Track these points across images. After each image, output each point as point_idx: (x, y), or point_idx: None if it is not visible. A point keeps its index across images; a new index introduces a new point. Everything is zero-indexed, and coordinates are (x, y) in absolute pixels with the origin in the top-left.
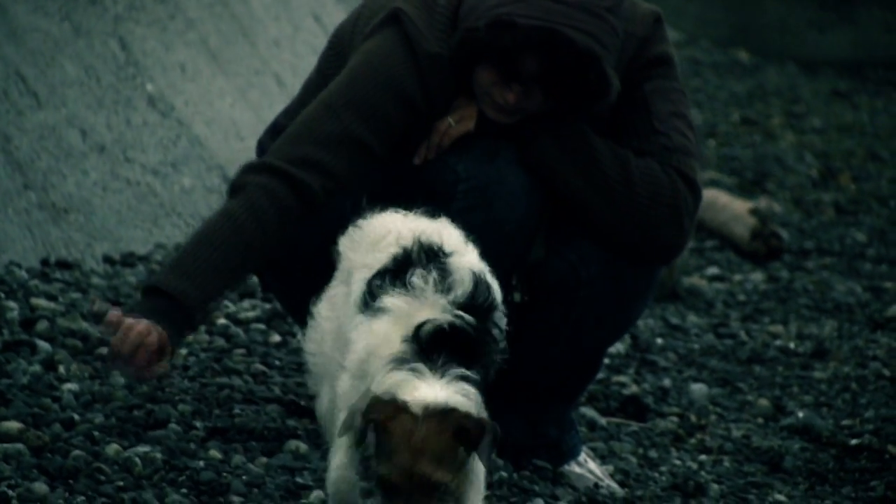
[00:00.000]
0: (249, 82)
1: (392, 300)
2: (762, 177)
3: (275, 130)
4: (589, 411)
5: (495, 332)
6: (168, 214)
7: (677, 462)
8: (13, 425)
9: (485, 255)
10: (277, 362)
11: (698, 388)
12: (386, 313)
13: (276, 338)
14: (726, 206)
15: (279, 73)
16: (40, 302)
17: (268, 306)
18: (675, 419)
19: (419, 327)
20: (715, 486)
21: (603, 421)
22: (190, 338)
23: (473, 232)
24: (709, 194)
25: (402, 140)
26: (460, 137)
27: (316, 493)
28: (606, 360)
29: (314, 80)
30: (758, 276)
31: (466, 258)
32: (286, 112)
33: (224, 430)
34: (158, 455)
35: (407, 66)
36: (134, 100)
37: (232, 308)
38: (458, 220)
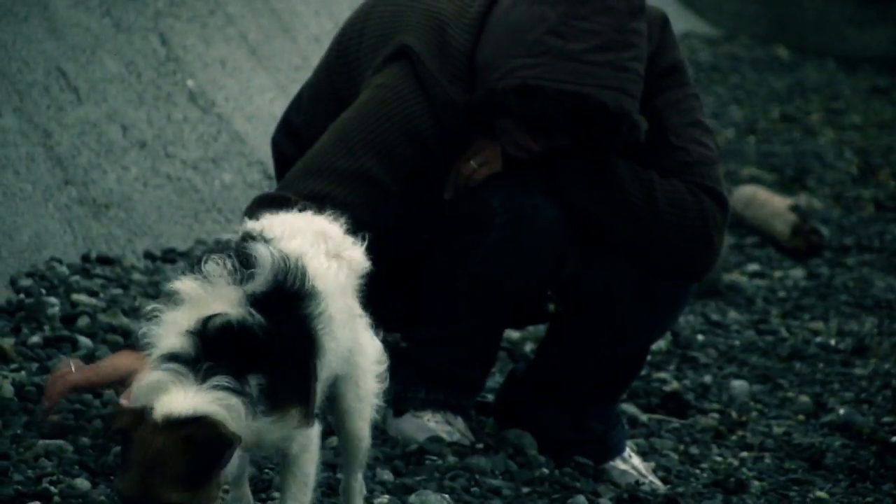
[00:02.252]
0: (290, 77)
1: (183, 285)
2: (802, 173)
3: (288, 129)
4: (630, 408)
5: (304, 324)
6: (209, 210)
7: (718, 459)
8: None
9: (521, 281)
10: None
11: (739, 385)
12: (176, 300)
13: None
14: (766, 202)
15: None
16: (81, 298)
17: None
18: (715, 416)
19: (207, 320)
20: (756, 483)
21: (644, 417)
22: None
23: (511, 261)
24: (749, 191)
25: (420, 173)
26: None
27: None
28: (647, 357)
29: (323, 79)
30: (798, 273)
31: (282, 244)
32: (298, 105)
33: None
34: None
35: (421, 109)
36: (174, 95)
37: None
38: (496, 251)
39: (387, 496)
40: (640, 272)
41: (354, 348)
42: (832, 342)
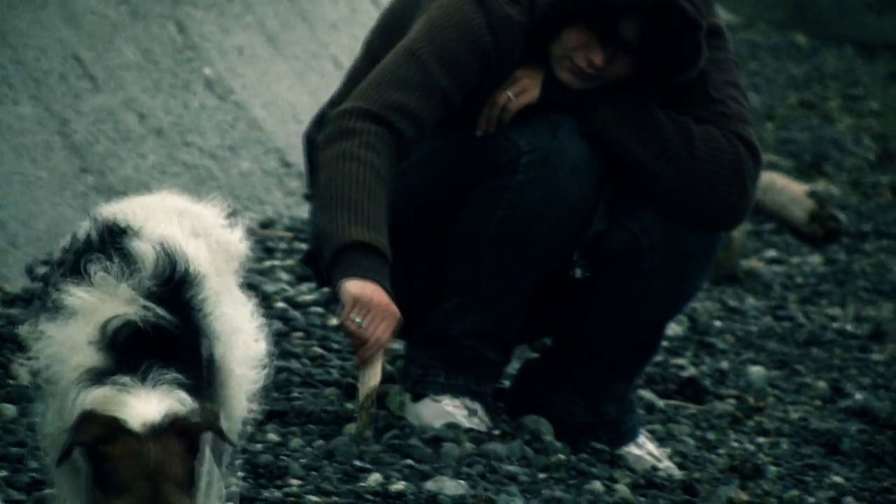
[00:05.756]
0: (307, 65)
1: (71, 296)
2: (820, 159)
3: (322, 123)
4: (647, 393)
5: (193, 310)
6: (226, 198)
7: (735, 444)
8: None
9: (548, 229)
10: (335, 345)
11: (756, 371)
12: (65, 313)
13: (335, 321)
14: (784, 188)
15: (337, 55)
16: None
17: (326, 289)
18: (732, 401)
19: (105, 326)
20: (773, 469)
21: (661, 403)
22: None
23: (537, 205)
24: (766, 177)
25: (450, 119)
26: (519, 111)
27: (374, 477)
28: (665, 343)
29: (361, 66)
30: (816, 259)
31: (152, 230)
32: (332, 103)
33: (282, 413)
34: None
35: (482, 22)
36: (192, 83)
37: (290, 291)
38: (521, 193)
39: (403, 482)
40: (667, 223)
41: (235, 333)
42: (849, 328)
